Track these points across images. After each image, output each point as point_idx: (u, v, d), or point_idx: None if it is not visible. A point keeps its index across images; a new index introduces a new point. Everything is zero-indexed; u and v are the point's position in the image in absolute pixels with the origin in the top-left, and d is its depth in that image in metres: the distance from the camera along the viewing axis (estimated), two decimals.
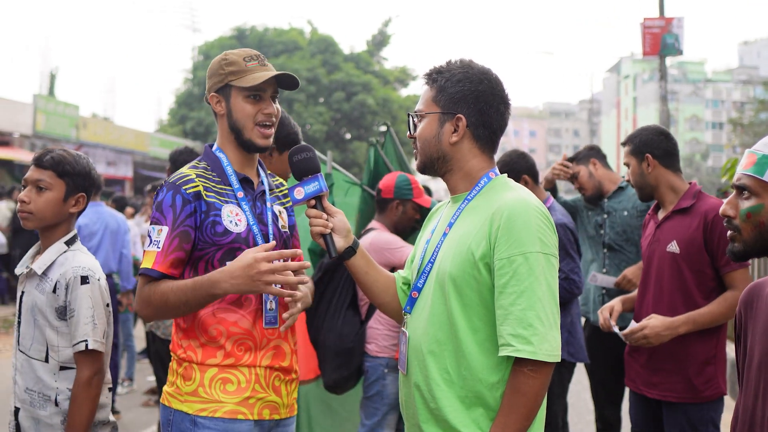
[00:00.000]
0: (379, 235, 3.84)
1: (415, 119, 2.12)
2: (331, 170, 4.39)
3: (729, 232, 1.89)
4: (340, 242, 2.17)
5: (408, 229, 4.02)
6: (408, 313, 2.13)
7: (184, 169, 2.31)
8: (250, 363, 2.24)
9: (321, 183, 2.16)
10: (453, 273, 1.97)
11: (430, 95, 2.08)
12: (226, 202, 2.27)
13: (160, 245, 2.19)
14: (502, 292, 1.90)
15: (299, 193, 2.16)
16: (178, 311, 2.19)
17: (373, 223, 4.00)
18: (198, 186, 2.24)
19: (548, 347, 1.86)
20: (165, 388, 2.31)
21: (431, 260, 2.08)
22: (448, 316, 1.98)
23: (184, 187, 2.23)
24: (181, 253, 2.21)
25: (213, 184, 2.28)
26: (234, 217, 2.26)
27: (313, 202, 2.17)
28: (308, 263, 2.22)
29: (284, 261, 2.19)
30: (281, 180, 2.59)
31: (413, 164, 2.78)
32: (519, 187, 2.05)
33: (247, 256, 2.11)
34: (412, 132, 2.13)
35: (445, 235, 2.08)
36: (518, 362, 1.89)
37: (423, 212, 4.02)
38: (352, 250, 2.19)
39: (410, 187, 3.96)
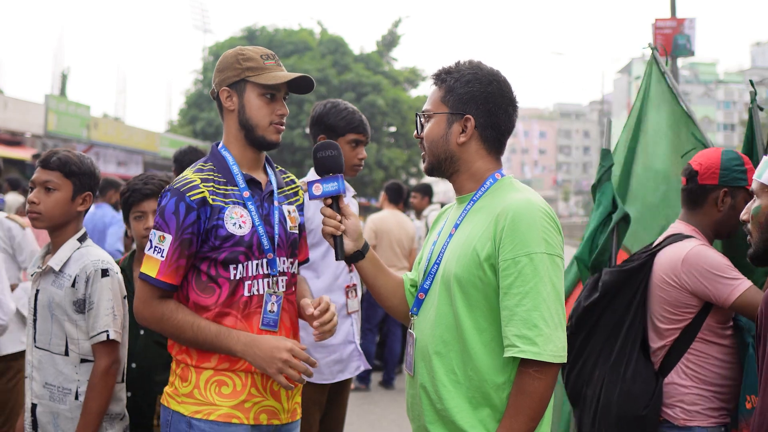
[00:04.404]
0: (700, 252, 2.55)
1: (423, 119, 2.12)
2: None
3: (747, 237, 1.94)
4: (349, 245, 2.16)
5: (735, 232, 2.73)
6: (415, 314, 2.12)
7: (189, 173, 2.27)
8: (246, 368, 2.22)
9: (340, 184, 2.15)
10: (458, 274, 1.97)
11: (438, 95, 2.08)
12: (232, 204, 2.25)
13: (164, 254, 2.18)
14: (506, 293, 1.90)
15: (317, 189, 2.15)
16: (188, 344, 2.22)
17: (682, 226, 2.71)
18: (203, 192, 2.21)
19: (553, 348, 1.86)
20: (166, 388, 2.32)
21: (437, 261, 2.08)
22: (454, 317, 1.98)
23: (188, 194, 2.19)
24: (183, 261, 2.21)
25: (218, 186, 2.25)
26: (238, 219, 2.24)
27: (329, 201, 2.16)
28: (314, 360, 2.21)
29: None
30: (292, 176, 2.56)
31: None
32: (525, 188, 2.04)
33: (283, 340, 2.18)
34: (419, 132, 2.13)
35: (450, 236, 2.07)
36: (524, 363, 1.89)
37: None
38: (360, 254, 2.18)
39: (743, 168, 2.67)
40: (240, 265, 2.23)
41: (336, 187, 2.14)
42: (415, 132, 2.14)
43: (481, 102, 2.03)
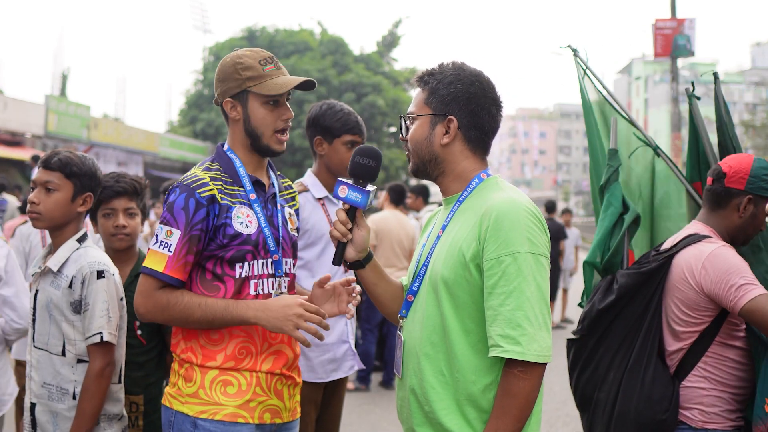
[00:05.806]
0: (721, 254, 2.50)
1: (407, 122, 2.12)
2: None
3: None
4: (351, 254, 2.14)
5: (750, 240, 2.74)
6: (404, 316, 2.12)
7: (198, 171, 2.27)
8: (251, 367, 2.24)
9: (364, 199, 2.10)
10: (445, 275, 1.97)
11: (421, 97, 2.09)
12: (239, 204, 2.26)
13: (172, 249, 2.18)
14: (491, 293, 1.90)
15: (342, 191, 2.12)
16: (198, 326, 2.21)
17: (699, 226, 2.69)
18: (212, 189, 2.22)
19: (537, 348, 1.86)
20: (167, 389, 2.32)
21: (425, 263, 2.08)
22: (441, 319, 1.98)
23: (198, 191, 2.20)
24: (191, 257, 2.21)
25: (226, 186, 2.27)
26: (245, 219, 2.25)
27: (347, 206, 2.14)
28: (327, 324, 2.22)
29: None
30: (289, 181, 2.58)
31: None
32: (510, 188, 2.04)
33: (291, 297, 2.20)
34: (404, 135, 2.13)
35: (438, 238, 2.08)
36: (508, 363, 1.89)
37: None
38: (359, 263, 2.17)
39: None
40: (246, 264, 2.25)
41: (359, 200, 2.10)
42: (401, 135, 2.14)
43: (464, 103, 2.03)
